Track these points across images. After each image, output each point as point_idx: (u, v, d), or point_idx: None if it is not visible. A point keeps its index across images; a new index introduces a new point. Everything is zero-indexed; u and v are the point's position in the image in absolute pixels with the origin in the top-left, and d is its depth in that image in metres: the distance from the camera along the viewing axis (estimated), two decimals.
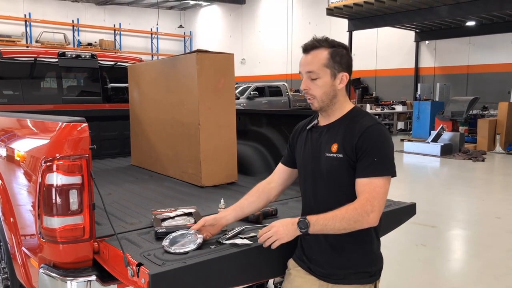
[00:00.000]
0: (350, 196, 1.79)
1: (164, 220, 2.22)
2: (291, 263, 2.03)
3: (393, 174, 1.77)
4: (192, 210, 2.35)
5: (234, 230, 2.08)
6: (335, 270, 1.87)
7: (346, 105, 1.89)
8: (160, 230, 2.08)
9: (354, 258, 1.85)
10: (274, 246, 1.81)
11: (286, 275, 2.03)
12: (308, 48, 1.84)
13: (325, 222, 1.73)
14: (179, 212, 2.32)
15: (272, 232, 1.80)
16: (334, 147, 1.81)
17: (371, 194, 1.72)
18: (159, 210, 2.37)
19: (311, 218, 1.75)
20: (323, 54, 1.81)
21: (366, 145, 1.75)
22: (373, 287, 1.89)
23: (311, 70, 1.82)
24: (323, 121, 1.93)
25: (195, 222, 2.14)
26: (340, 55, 1.83)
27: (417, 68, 18.38)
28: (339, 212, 1.72)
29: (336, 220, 1.72)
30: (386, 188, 1.75)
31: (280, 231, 1.79)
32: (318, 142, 1.90)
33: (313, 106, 1.86)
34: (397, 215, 2.60)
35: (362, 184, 1.75)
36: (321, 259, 1.89)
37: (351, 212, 1.71)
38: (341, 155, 1.79)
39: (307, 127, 1.99)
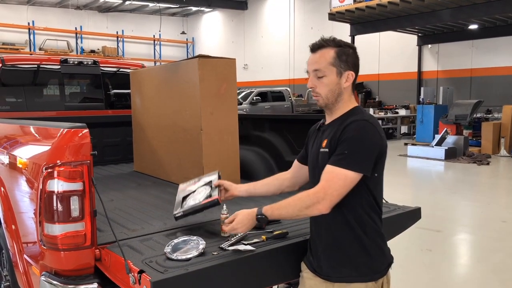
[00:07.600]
0: None
1: (185, 197, 2.33)
2: (302, 265, 2.04)
3: (361, 171, 1.75)
4: (213, 178, 2.37)
5: (237, 236, 2.06)
6: (335, 266, 1.85)
7: (349, 104, 1.92)
8: (178, 215, 2.23)
9: (353, 254, 1.83)
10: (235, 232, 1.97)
11: (300, 278, 2.05)
12: (315, 47, 1.89)
13: (279, 212, 1.86)
14: (201, 182, 2.39)
15: (236, 223, 1.95)
16: (325, 143, 1.87)
17: (327, 183, 1.75)
18: (184, 184, 2.50)
19: (267, 211, 1.89)
20: (329, 53, 1.85)
21: (344, 137, 1.78)
22: (380, 285, 1.85)
23: (318, 68, 1.87)
24: (327, 119, 1.98)
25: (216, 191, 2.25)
26: (347, 54, 1.86)
27: (420, 72, 18.35)
28: (292, 200, 1.82)
29: (289, 208, 1.82)
30: (347, 182, 1.74)
31: (242, 224, 1.94)
32: (319, 139, 1.95)
33: (318, 103, 1.92)
34: (402, 219, 2.58)
35: (325, 171, 1.78)
36: (323, 255, 1.89)
37: (304, 199, 1.78)
38: (327, 150, 1.84)
39: (317, 127, 2.05)
